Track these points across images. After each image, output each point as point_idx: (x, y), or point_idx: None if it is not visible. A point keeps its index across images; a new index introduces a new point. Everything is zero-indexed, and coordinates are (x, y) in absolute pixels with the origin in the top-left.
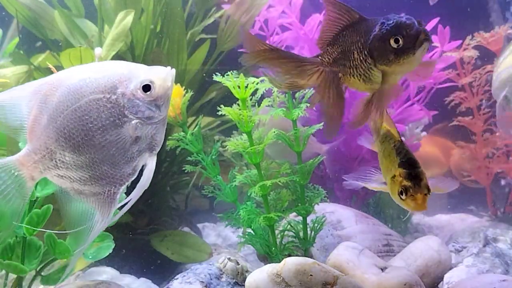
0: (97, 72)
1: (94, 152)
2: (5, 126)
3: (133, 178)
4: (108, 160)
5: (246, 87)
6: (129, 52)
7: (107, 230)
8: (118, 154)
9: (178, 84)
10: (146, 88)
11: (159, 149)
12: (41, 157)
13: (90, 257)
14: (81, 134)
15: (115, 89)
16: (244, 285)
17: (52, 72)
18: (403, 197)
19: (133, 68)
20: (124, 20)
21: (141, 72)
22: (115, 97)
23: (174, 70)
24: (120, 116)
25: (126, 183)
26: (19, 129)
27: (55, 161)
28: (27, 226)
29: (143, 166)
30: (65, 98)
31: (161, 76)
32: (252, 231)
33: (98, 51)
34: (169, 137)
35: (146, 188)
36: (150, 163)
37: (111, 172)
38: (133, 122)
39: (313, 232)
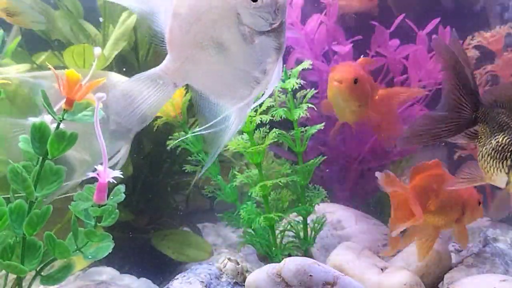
0: None
1: (222, 58)
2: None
3: (264, 80)
4: (237, 65)
5: None
6: (133, 52)
7: (106, 230)
8: (243, 59)
9: None
10: None
11: (283, 52)
12: (180, 65)
13: (90, 256)
14: (209, 41)
15: None
16: (244, 285)
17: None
18: None
19: None
20: (128, 20)
21: None
22: (234, 3)
23: None
24: (238, 24)
25: (259, 86)
26: (161, 36)
27: (192, 68)
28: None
29: None
30: (194, 7)
31: None
32: (252, 231)
33: (97, 51)
34: (169, 137)
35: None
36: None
37: (242, 76)
38: (247, 30)
39: (313, 232)
